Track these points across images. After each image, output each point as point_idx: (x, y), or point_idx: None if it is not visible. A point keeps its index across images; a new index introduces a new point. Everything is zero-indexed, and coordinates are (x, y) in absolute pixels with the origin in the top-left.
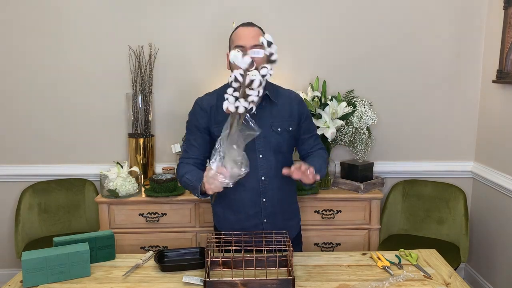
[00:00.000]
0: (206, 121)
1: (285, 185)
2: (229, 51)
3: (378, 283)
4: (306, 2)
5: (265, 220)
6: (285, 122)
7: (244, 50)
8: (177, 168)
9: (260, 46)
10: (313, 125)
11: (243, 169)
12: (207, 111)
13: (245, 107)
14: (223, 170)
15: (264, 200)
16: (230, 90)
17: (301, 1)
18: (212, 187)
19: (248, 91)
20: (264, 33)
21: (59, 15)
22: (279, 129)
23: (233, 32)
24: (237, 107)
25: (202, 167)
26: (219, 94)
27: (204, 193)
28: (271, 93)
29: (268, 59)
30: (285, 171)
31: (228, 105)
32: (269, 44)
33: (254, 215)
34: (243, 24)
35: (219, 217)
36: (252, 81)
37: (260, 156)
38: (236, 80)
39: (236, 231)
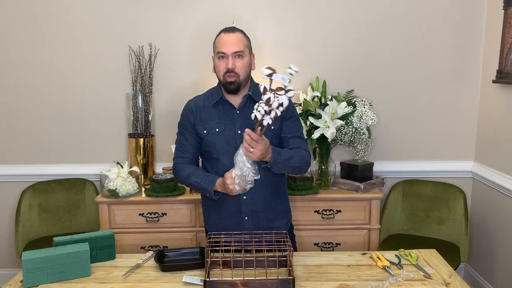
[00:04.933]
0: (192, 120)
1: (269, 184)
2: (213, 54)
3: (378, 283)
4: (306, 2)
5: (246, 218)
6: None
7: (226, 56)
8: (176, 169)
9: (241, 52)
10: (298, 127)
11: (252, 174)
12: (193, 111)
13: (270, 120)
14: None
15: (244, 197)
16: (262, 104)
17: (301, 1)
18: (238, 188)
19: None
20: (246, 36)
21: (59, 15)
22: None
23: (216, 37)
24: (263, 120)
25: (194, 163)
26: (206, 95)
27: (215, 192)
28: (255, 93)
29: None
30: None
31: (257, 114)
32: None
33: (235, 212)
34: (225, 30)
35: (205, 214)
36: (281, 104)
37: None
38: (268, 101)
39: (219, 231)
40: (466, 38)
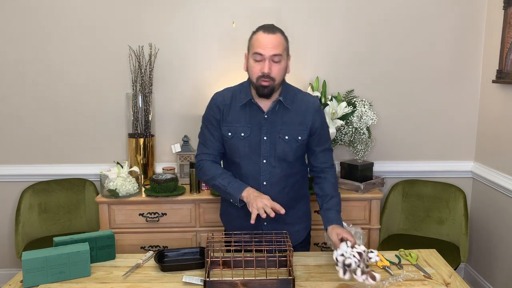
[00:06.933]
0: (219, 118)
1: (289, 191)
2: (248, 52)
3: (378, 283)
4: (306, 2)
5: (265, 223)
6: (294, 131)
7: (263, 59)
8: (200, 166)
9: (279, 56)
10: (327, 137)
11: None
12: (220, 109)
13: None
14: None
15: None
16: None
17: (301, 1)
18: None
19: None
20: (286, 36)
21: (59, 15)
22: (286, 137)
23: (253, 34)
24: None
25: (219, 161)
26: (235, 92)
27: (241, 200)
28: (286, 98)
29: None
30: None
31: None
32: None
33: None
34: (265, 29)
35: (224, 212)
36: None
37: (264, 161)
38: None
39: (236, 230)
40: (466, 38)
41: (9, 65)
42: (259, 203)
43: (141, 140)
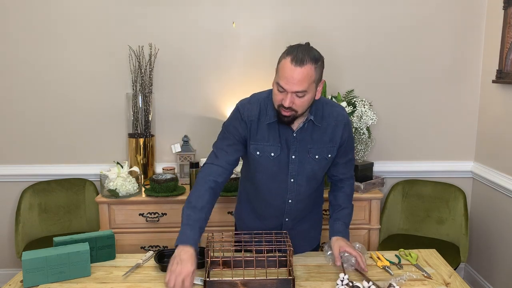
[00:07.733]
0: (245, 134)
1: (311, 204)
2: (276, 69)
3: (379, 282)
4: (306, 2)
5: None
6: (324, 149)
7: (285, 91)
8: (198, 176)
9: (303, 92)
10: (351, 148)
11: None
12: (247, 125)
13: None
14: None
15: (287, 219)
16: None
17: (301, 1)
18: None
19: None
20: (318, 65)
21: (59, 15)
22: (316, 157)
23: (282, 57)
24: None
25: (226, 175)
26: (262, 106)
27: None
28: (316, 116)
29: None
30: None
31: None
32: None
33: (274, 228)
34: (293, 57)
35: (245, 217)
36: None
37: (292, 180)
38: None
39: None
40: (466, 38)
41: (9, 66)
42: (172, 279)
43: (141, 140)
